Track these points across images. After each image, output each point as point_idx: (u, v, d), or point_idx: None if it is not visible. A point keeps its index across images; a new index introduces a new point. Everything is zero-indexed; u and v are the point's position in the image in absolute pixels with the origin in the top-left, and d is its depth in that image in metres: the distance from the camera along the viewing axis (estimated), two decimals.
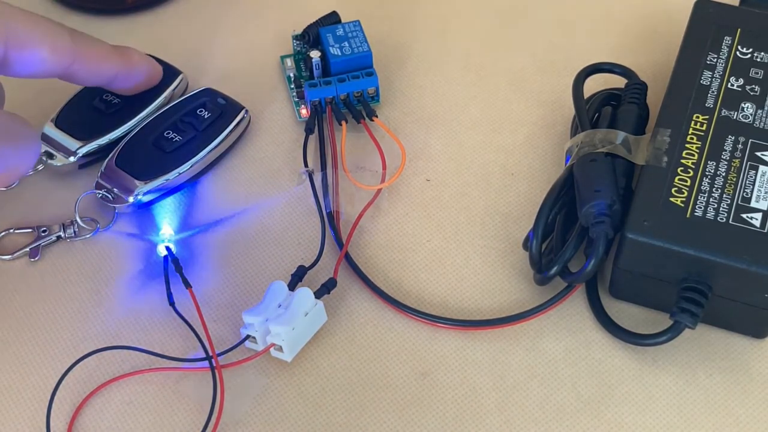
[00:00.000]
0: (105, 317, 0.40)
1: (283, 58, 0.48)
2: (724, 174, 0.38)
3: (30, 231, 0.43)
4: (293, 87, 0.47)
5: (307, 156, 0.44)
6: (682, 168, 0.38)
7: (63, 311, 0.41)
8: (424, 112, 0.47)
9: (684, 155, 0.38)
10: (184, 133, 0.44)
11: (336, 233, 0.42)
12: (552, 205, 0.39)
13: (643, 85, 0.43)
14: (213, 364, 0.37)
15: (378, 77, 0.45)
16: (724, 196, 0.37)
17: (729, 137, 0.39)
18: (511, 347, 0.39)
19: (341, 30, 0.46)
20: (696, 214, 0.37)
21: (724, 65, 0.41)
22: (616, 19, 0.50)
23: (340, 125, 0.44)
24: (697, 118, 0.39)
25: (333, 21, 0.47)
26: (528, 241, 0.39)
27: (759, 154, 0.38)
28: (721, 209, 0.37)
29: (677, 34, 0.43)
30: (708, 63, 0.41)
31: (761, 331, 0.39)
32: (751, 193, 0.37)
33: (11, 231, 0.43)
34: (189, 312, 0.39)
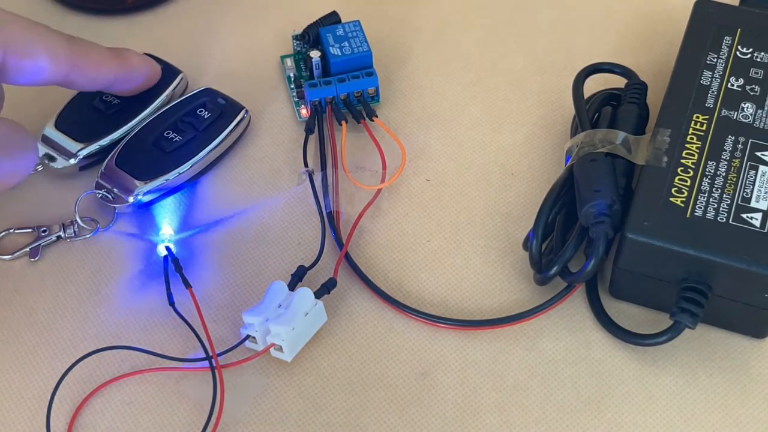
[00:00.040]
0: (105, 317, 0.40)
1: (283, 58, 0.48)
2: (724, 174, 0.38)
3: (30, 231, 0.43)
4: (293, 87, 0.47)
5: (307, 156, 0.44)
6: (682, 168, 0.38)
7: (63, 311, 0.41)
8: (424, 112, 0.47)
9: (684, 155, 0.38)
10: (184, 133, 0.44)
11: (336, 233, 0.42)
12: (552, 205, 0.39)
13: (643, 85, 0.43)
14: (213, 364, 0.37)
15: (378, 77, 0.45)
16: (724, 196, 0.37)
17: (729, 137, 0.39)
18: (511, 347, 0.39)
19: (341, 30, 0.46)
20: (696, 214, 0.37)
21: (724, 65, 0.41)
22: (616, 19, 0.50)
23: (340, 125, 0.44)
24: (697, 118, 0.39)
25: (333, 21, 0.47)
26: (528, 241, 0.39)
27: (759, 154, 0.38)
28: (721, 209, 0.37)
29: (677, 34, 0.43)
30: (708, 63, 0.41)
31: (761, 331, 0.39)
32: (751, 193, 0.37)
33: (11, 231, 0.43)
34: (189, 312, 0.39)
